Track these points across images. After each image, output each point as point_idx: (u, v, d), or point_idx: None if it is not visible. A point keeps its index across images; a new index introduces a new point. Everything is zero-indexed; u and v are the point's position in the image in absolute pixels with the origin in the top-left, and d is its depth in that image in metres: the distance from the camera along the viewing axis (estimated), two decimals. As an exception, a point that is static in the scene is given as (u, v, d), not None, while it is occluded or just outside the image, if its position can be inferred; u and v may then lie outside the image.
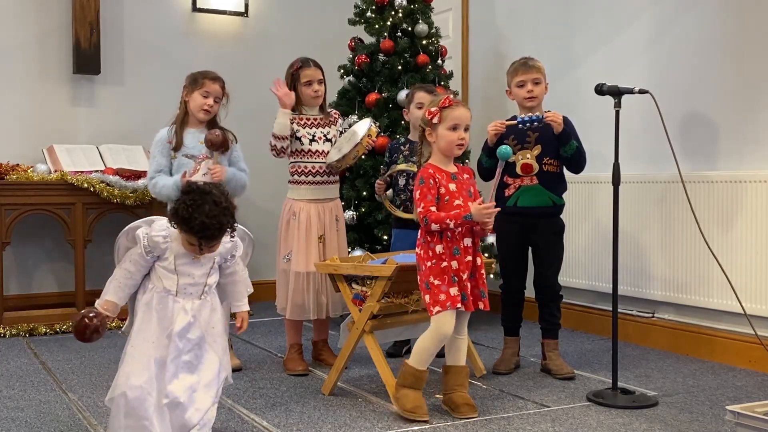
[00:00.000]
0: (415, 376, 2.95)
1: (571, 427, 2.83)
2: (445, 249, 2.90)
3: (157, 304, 2.48)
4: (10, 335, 4.51)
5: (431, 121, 2.96)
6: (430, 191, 2.91)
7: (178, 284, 2.48)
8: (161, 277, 2.48)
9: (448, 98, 2.97)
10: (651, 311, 4.16)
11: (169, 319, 2.46)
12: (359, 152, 3.63)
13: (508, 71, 3.67)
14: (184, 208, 2.36)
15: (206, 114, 3.64)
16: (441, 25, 5.06)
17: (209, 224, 2.36)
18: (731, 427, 2.55)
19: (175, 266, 2.47)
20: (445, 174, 2.97)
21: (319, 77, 3.73)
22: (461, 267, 2.91)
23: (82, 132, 5.21)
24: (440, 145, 2.96)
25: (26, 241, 4.98)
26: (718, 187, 3.75)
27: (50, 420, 2.95)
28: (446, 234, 2.90)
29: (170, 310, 2.47)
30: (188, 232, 2.39)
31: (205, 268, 2.52)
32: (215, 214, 2.36)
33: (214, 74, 3.68)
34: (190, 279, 2.49)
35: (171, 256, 2.47)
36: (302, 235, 3.65)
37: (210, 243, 2.42)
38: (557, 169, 3.60)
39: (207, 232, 2.37)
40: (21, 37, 5.06)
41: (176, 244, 2.47)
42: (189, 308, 2.49)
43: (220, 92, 3.65)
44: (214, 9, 5.64)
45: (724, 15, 3.81)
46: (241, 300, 2.70)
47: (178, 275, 2.48)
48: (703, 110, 3.91)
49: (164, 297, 2.48)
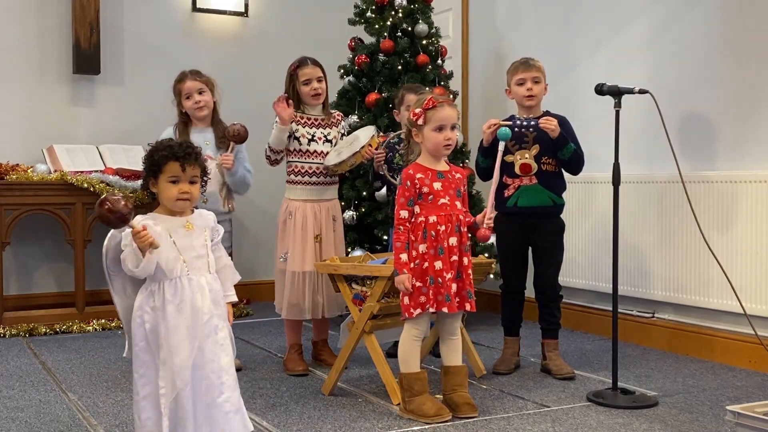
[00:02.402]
0: (418, 380, 2.95)
1: (571, 427, 2.83)
2: (428, 249, 2.90)
3: (170, 296, 2.33)
4: (10, 335, 4.51)
5: (416, 122, 2.95)
6: (405, 193, 2.94)
7: (186, 261, 2.37)
8: (167, 263, 2.35)
9: (431, 99, 2.94)
10: (651, 311, 4.16)
11: (188, 304, 2.34)
12: (357, 160, 3.63)
13: (508, 70, 3.67)
14: (151, 149, 2.44)
15: (200, 110, 3.67)
16: (441, 25, 5.06)
17: (178, 142, 2.44)
18: (731, 427, 2.55)
19: (174, 241, 2.37)
20: (431, 172, 2.96)
21: (318, 75, 3.72)
22: (445, 267, 2.90)
23: (82, 132, 5.21)
24: (427, 146, 2.97)
25: (26, 241, 4.98)
26: (717, 187, 3.75)
27: (50, 420, 2.95)
28: (430, 233, 2.91)
29: (188, 292, 2.34)
30: (166, 159, 2.37)
31: (201, 238, 2.42)
32: (179, 141, 2.48)
33: (183, 73, 3.77)
34: (193, 252, 2.39)
35: (167, 234, 2.37)
36: (298, 234, 3.65)
37: (189, 160, 2.37)
38: (556, 169, 3.59)
39: (181, 149, 2.38)
40: (21, 37, 5.06)
41: (163, 221, 2.39)
42: (205, 283, 2.38)
43: (197, 86, 3.72)
44: (214, 9, 5.64)
45: (723, 15, 3.81)
46: (228, 289, 2.49)
47: (182, 251, 2.37)
48: (703, 110, 3.91)
49: (176, 283, 2.35)
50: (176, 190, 2.37)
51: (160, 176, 2.39)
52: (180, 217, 2.41)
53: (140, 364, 2.36)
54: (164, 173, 2.38)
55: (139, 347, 2.36)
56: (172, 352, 2.30)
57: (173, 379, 2.30)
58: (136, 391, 2.37)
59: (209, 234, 2.46)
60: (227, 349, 2.39)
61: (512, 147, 3.54)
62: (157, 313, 2.33)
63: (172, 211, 2.41)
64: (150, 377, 2.35)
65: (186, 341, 2.31)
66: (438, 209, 2.93)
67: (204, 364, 2.33)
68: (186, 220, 2.42)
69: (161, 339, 2.32)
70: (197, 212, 2.49)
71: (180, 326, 2.32)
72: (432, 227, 2.91)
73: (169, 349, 2.31)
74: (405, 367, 2.96)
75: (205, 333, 2.34)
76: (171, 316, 2.32)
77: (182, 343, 2.31)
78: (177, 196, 2.37)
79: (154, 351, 2.34)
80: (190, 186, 2.39)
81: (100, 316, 4.72)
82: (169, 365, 2.30)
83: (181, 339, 2.31)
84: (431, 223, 2.92)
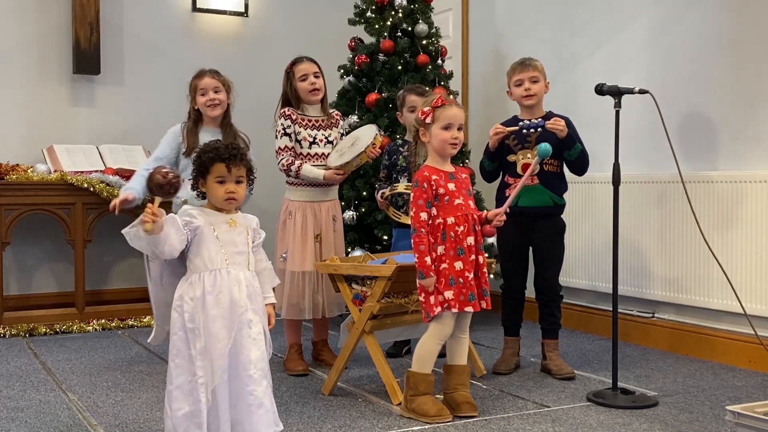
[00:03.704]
0: (425, 382, 2.95)
1: (571, 427, 2.83)
2: (447, 250, 2.90)
3: (210, 287, 2.42)
4: (10, 335, 4.51)
5: (424, 121, 2.95)
6: (423, 195, 2.92)
7: (226, 254, 2.47)
8: (209, 255, 2.45)
9: (440, 98, 2.96)
10: (651, 311, 4.16)
11: (226, 295, 2.42)
12: (362, 161, 3.62)
13: (507, 72, 3.68)
14: (199, 151, 2.53)
15: (213, 108, 3.66)
16: (441, 25, 5.06)
17: (224, 144, 2.53)
18: (731, 427, 2.55)
19: (217, 235, 2.48)
20: (443, 174, 2.96)
21: (314, 70, 3.71)
22: (466, 267, 2.91)
23: (82, 132, 5.21)
24: (434, 144, 2.96)
25: (26, 241, 4.98)
26: (718, 187, 3.75)
27: (50, 420, 2.95)
28: (449, 235, 2.90)
29: (226, 284, 2.43)
30: (213, 161, 2.47)
31: (243, 236, 2.53)
32: (225, 143, 2.56)
33: (201, 71, 3.73)
34: (234, 247, 2.49)
35: (209, 227, 2.48)
36: (298, 234, 3.65)
37: (235, 161, 2.48)
38: (558, 169, 3.60)
39: (227, 150, 2.48)
40: (21, 37, 5.06)
41: (208, 215, 2.51)
42: (242, 278, 2.47)
43: (213, 83, 3.68)
44: (214, 9, 5.64)
45: (723, 15, 3.81)
46: (267, 291, 2.60)
47: (223, 245, 2.47)
48: (703, 110, 3.91)
49: (215, 275, 2.44)
50: (223, 189, 2.50)
51: (208, 177, 2.51)
52: (225, 214, 2.53)
53: (176, 354, 2.44)
54: (211, 174, 2.50)
55: (177, 336, 2.44)
56: (212, 340, 2.38)
57: (213, 368, 2.37)
58: (169, 380, 2.44)
59: (251, 235, 2.57)
60: (259, 344, 2.46)
61: (515, 147, 3.55)
62: (197, 303, 2.42)
63: (219, 207, 2.53)
64: (184, 367, 2.42)
65: (223, 331, 2.40)
66: (455, 210, 2.93)
67: (235, 355, 2.41)
68: (230, 217, 2.54)
69: (200, 329, 2.40)
70: (242, 213, 2.60)
71: (218, 317, 2.41)
72: (450, 228, 2.91)
73: (209, 338, 2.39)
74: (418, 366, 2.95)
75: (240, 325, 2.42)
76: (210, 306, 2.41)
77: (220, 332, 2.39)
78: (224, 195, 2.50)
79: (191, 341, 2.41)
80: (236, 186, 2.52)
81: (100, 316, 4.73)
82: (209, 354, 2.38)
83: (219, 328, 2.40)
84: (450, 224, 2.91)
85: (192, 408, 2.39)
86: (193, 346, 2.40)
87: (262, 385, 2.45)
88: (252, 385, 2.42)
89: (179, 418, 2.39)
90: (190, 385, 2.40)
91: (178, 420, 2.39)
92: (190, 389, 2.40)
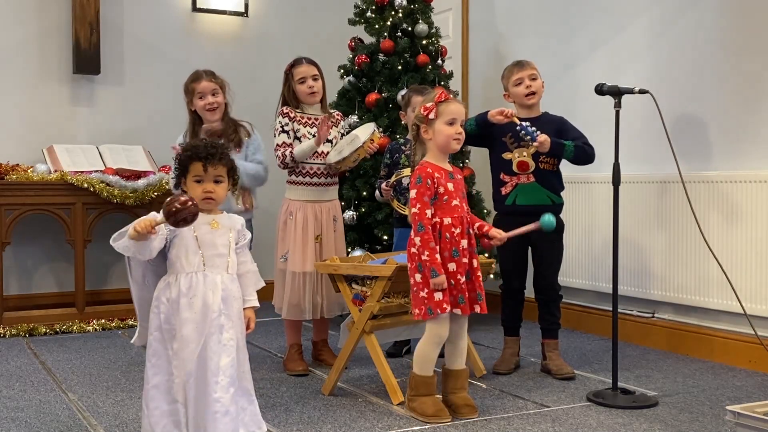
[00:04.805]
0: (426, 383, 2.95)
1: (571, 427, 2.83)
2: (442, 251, 2.88)
3: (185, 289, 2.40)
4: (10, 335, 4.51)
5: (427, 117, 2.93)
6: (427, 191, 2.88)
7: (204, 257, 2.43)
8: (187, 257, 2.42)
9: (443, 93, 2.94)
10: (651, 311, 4.16)
11: (200, 299, 2.40)
12: (360, 155, 3.62)
13: (502, 76, 3.67)
14: (181, 150, 2.52)
15: (212, 112, 3.66)
16: (441, 25, 5.06)
17: (205, 143, 2.50)
18: (731, 427, 2.55)
19: (197, 236, 2.44)
20: (444, 172, 2.95)
21: (313, 73, 3.71)
22: (459, 269, 2.89)
23: (82, 132, 5.21)
24: (438, 140, 2.93)
25: (26, 241, 4.98)
26: (717, 187, 3.75)
27: (50, 420, 2.95)
28: (444, 236, 2.89)
29: (201, 288, 2.40)
30: (190, 159, 2.45)
31: (225, 237, 2.49)
32: (206, 142, 2.55)
33: (198, 73, 3.72)
34: (214, 250, 2.46)
35: (189, 229, 2.41)
36: (299, 235, 3.65)
37: (212, 161, 2.44)
38: (554, 168, 3.59)
39: (205, 149, 2.45)
40: (21, 37, 5.06)
41: None
42: (219, 282, 2.43)
43: (211, 86, 3.68)
44: (214, 9, 5.64)
45: (723, 15, 3.81)
46: (249, 294, 2.56)
47: (202, 247, 2.44)
48: (703, 110, 3.91)
49: (191, 278, 2.41)
50: (201, 189, 2.46)
51: (187, 176, 2.48)
52: (207, 215, 2.48)
53: (153, 353, 2.43)
54: (190, 173, 2.47)
55: (154, 337, 2.44)
56: (182, 343, 2.37)
57: (184, 370, 2.37)
58: (146, 379, 2.43)
59: (234, 236, 2.52)
60: (230, 351, 2.42)
61: (511, 144, 3.54)
62: (172, 305, 2.41)
63: (201, 208, 2.46)
64: (161, 367, 2.41)
65: (194, 334, 2.38)
66: (452, 210, 2.91)
67: (204, 360, 2.38)
68: (213, 218, 2.50)
69: (175, 330, 2.39)
70: (227, 214, 2.56)
71: (189, 320, 2.39)
72: (447, 229, 2.89)
73: (181, 340, 2.38)
74: (419, 369, 2.95)
75: (211, 330, 2.39)
76: (183, 308, 2.39)
77: (191, 335, 2.38)
78: (201, 195, 2.45)
79: (167, 341, 2.41)
80: (214, 185, 2.47)
81: (100, 316, 4.73)
82: (180, 356, 2.37)
83: (190, 331, 2.38)
84: (446, 225, 2.89)
85: (170, 407, 2.39)
86: (170, 346, 2.40)
87: (229, 392, 2.39)
88: (219, 392, 2.37)
89: (156, 417, 2.39)
90: (167, 384, 2.40)
91: (156, 418, 2.39)
92: (167, 388, 2.40)
